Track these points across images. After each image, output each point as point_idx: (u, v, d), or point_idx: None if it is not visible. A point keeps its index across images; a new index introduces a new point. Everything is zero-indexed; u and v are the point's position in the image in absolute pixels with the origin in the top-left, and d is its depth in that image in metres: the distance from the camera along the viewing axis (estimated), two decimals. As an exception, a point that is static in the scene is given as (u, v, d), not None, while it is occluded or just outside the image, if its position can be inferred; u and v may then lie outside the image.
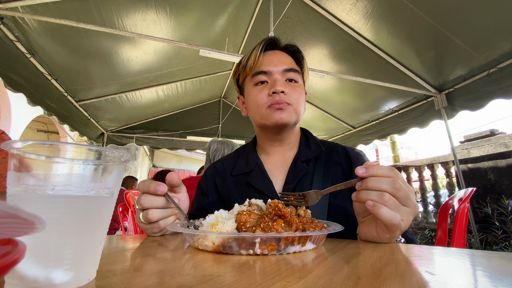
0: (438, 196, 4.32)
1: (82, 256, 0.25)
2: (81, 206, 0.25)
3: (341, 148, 0.85)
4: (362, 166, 0.48)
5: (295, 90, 0.77)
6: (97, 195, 0.26)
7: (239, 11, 2.99)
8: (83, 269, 0.25)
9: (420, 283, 0.25)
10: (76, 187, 0.25)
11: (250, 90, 0.81)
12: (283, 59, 0.80)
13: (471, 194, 1.07)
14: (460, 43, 2.38)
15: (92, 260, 0.26)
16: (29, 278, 0.21)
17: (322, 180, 0.74)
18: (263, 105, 0.76)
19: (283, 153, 0.84)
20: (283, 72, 0.78)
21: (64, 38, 2.42)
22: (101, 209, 0.27)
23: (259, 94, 0.77)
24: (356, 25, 2.71)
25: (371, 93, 3.51)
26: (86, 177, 0.26)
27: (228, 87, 4.70)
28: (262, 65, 0.79)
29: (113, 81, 3.22)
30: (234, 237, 0.38)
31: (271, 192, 0.75)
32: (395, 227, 0.45)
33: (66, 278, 0.23)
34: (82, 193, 0.25)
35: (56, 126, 6.86)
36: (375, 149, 17.99)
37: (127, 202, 2.29)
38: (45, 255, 0.22)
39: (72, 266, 0.24)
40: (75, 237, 0.24)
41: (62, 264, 0.23)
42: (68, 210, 0.24)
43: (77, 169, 0.25)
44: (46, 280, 0.22)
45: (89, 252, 0.26)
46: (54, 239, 0.23)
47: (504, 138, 3.51)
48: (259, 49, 0.80)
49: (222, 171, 0.88)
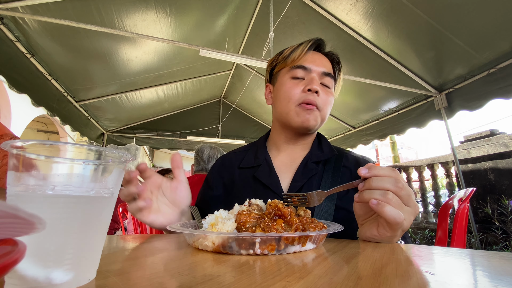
0: (438, 196, 4.32)
1: (82, 256, 0.25)
2: (81, 206, 0.25)
3: (350, 154, 0.86)
4: (364, 167, 0.49)
5: (327, 95, 0.78)
6: (97, 195, 0.26)
7: (239, 11, 2.99)
8: (83, 269, 0.25)
9: (420, 283, 0.25)
10: (76, 187, 0.24)
11: (284, 82, 0.80)
12: (324, 62, 0.81)
13: (471, 194, 1.07)
14: (460, 43, 2.38)
15: (92, 260, 0.26)
16: (29, 278, 0.21)
17: (331, 182, 0.74)
18: (295, 101, 0.76)
19: (294, 151, 0.84)
20: (322, 75, 0.78)
21: (64, 38, 2.42)
22: (101, 209, 0.27)
23: (294, 88, 0.77)
24: (356, 25, 2.71)
25: (371, 93, 3.51)
26: (86, 177, 0.26)
27: (228, 87, 4.70)
28: (305, 61, 0.79)
29: (113, 81, 3.22)
30: (234, 237, 0.38)
31: (277, 188, 0.75)
32: (398, 226, 0.45)
33: (66, 278, 0.23)
34: (82, 193, 0.25)
35: (56, 126, 6.86)
36: (375, 149, 17.99)
37: (127, 202, 2.29)
38: (45, 255, 0.22)
39: (72, 266, 0.24)
40: (75, 237, 0.24)
41: (62, 264, 0.23)
42: (68, 210, 0.24)
43: (77, 169, 0.25)
44: (46, 280, 0.22)
45: (89, 252, 0.26)
46: (54, 239, 0.23)
47: (504, 138, 3.51)
48: (307, 45, 0.80)
49: (229, 165, 0.88)
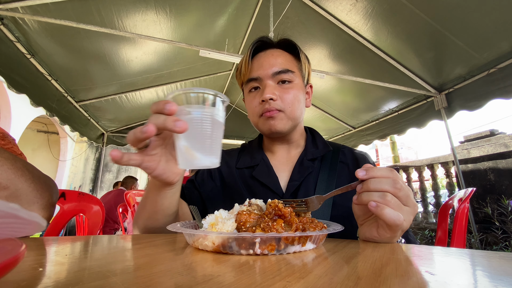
0: (438, 196, 4.32)
1: (218, 149, 0.46)
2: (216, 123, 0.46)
3: (347, 149, 0.85)
4: (361, 169, 0.49)
5: (287, 93, 0.74)
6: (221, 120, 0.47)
7: (239, 11, 2.99)
8: (218, 157, 0.46)
9: (420, 283, 0.25)
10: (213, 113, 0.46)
11: (246, 97, 0.81)
12: (273, 61, 0.76)
13: (471, 194, 1.07)
14: (460, 43, 2.38)
15: (220, 152, 0.47)
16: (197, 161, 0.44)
17: (328, 179, 0.74)
18: (256, 114, 0.76)
19: (288, 151, 0.84)
20: (274, 76, 0.75)
21: (64, 39, 2.42)
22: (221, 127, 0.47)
23: (252, 102, 0.77)
24: (356, 26, 2.71)
25: (371, 94, 3.51)
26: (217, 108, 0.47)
27: (228, 88, 4.70)
28: (252, 71, 0.77)
29: (113, 81, 3.22)
30: (234, 237, 0.38)
31: (276, 187, 0.74)
32: (397, 227, 0.45)
33: (216, 161, 0.46)
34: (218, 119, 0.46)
35: (56, 126, 6.86)
36: (375, 149, 17.99)
37: (127, 202, 2.29)
38: (207, 149, 0.45)
39: (217, 155, 0.46)
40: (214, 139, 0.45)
41: (214, 153, 0.45)
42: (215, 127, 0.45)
43: None
44: (211, 162, 0.45)
45: (219, 148, 0.47)
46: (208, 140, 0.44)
47: (504, 138, 3.51)
48: (247, 55, 0.78)
49: (228, 160, 0.87)
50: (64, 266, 0.31)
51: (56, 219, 1.12)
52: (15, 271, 0.28)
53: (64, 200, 1.14)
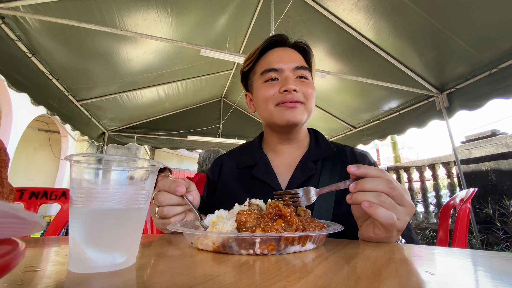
0: (439, 197, 4.32)
1: (131, 245, 0.34)
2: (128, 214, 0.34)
3: (349, 148, 0.85)
4: (353, 165, 0.49)
5: (308, 87, 0.77)
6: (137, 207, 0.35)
7: (240, 10, 2.99)
8: (130, 254, 0.33)
9: (420, 283, 0.25)
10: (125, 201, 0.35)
11: (259, 87, 0.80)
12: (293, 56, 0.79)
13: (472, 194, 1.06)
14: (462, 43, 2.37)
15: (135, 248, 0.35)
16: (94, 260, 0.30)
17: (329, 179, 0.74)
18: (273, 101, 0.76)
19: (291, 151, 0.84)
20: (294, 70, 0.77)
21: (65, 38, 2.42)
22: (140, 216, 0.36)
23: (269, 91, 0.76)
24: (357, 25, 2.71)
25: (372, 93, 3.50)
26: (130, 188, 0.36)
27: (229, 87, 4.69)
28: (273, 63, 0.78)
29: (114, 80, 3.23)
30: (234, 237, 0.38)
31: (275, 183, 0.75)
32: (391, 227, 0.45)
33: (122, 260, 0.32)
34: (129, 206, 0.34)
35: (57, 125, 6.87)
36: (375, 149, 17.96)
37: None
38: (109, 243, 0.32)
39: (125, 251, 0.32)
40: (125, 233, 0.33)
41: (118, 250, 0.32)
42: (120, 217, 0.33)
43: None
44: (112, 260, 0.31)
45: (134, 242, 0.35)
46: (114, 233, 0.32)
47: (505, 139, 3.50)
48: (261, 47, 0.80)
49: (229, 163, 0.89)
50: (64, 266, 0.31)
51: (56, 219, 1.12)
52: (15, 271, 0.28)
53: (65, 199, 1.14)
